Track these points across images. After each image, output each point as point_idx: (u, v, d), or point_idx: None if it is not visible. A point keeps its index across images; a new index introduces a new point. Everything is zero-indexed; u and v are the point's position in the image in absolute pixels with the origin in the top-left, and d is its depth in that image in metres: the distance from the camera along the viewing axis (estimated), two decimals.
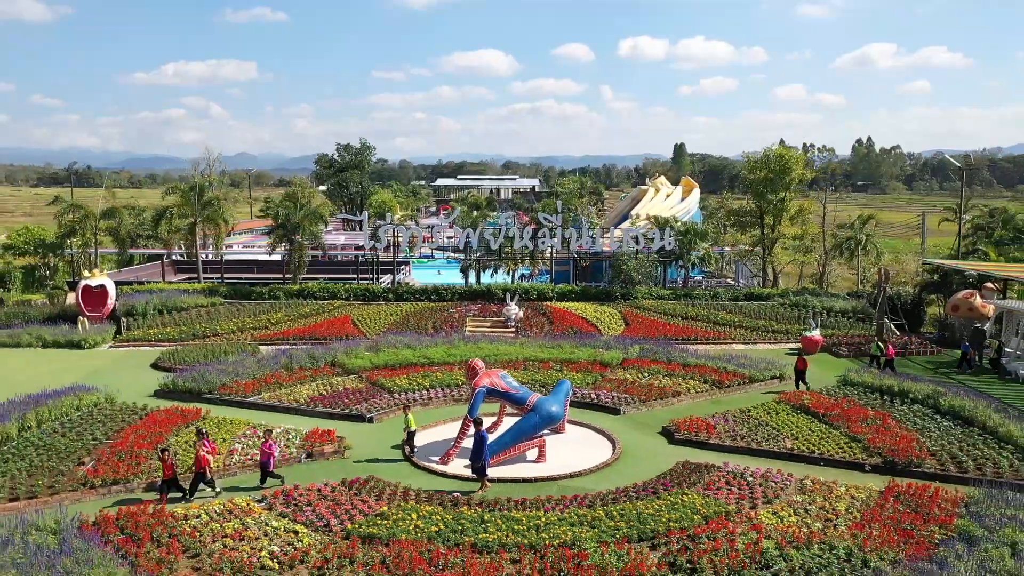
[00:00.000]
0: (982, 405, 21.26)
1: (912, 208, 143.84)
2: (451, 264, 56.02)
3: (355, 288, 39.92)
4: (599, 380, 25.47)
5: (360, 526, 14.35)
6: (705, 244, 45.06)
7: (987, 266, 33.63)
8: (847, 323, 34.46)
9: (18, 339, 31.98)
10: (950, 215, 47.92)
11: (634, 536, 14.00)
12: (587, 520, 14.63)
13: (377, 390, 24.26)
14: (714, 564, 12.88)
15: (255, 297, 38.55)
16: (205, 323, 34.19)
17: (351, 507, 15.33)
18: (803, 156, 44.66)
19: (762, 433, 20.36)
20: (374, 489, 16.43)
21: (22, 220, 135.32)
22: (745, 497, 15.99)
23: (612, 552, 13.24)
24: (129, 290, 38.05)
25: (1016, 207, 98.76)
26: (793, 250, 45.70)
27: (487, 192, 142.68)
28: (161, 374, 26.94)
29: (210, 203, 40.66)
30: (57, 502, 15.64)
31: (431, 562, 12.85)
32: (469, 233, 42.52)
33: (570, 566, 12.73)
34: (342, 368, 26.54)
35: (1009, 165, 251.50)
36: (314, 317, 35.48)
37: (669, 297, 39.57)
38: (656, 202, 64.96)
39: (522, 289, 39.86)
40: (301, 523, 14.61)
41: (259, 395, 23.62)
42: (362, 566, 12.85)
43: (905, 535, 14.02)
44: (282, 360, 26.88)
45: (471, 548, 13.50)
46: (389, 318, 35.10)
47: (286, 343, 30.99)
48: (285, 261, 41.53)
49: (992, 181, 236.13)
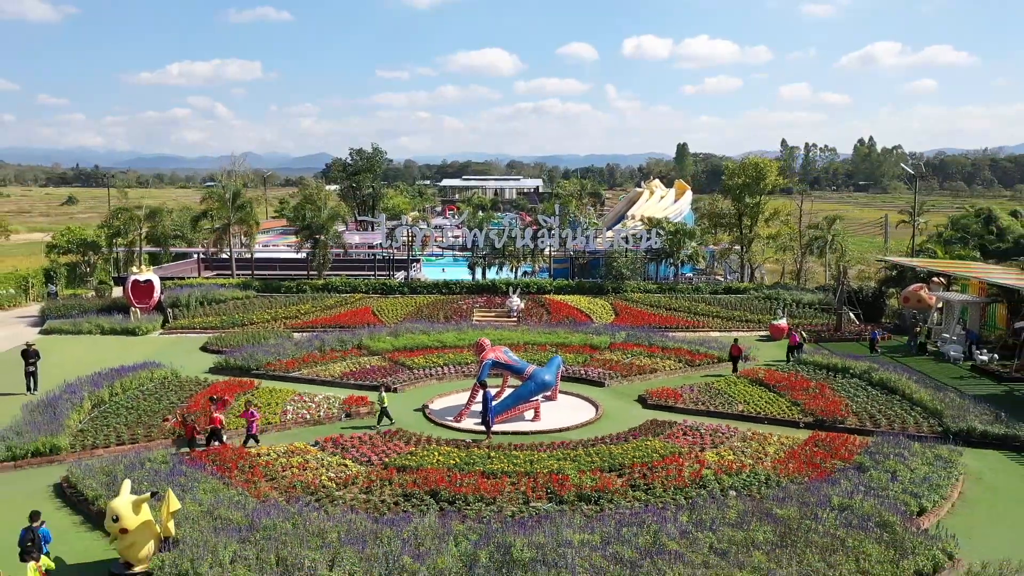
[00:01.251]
0: (905, 378, 25.46)
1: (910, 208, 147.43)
2: (457, 262, 60.10)
3: (373, 283, 44.29)
4: (588, 360, 29.72)
5: (395, 460, 18.63)
6: (693, 243, 49.22)
7: (934, 263, 37.82)
8: (812, 313, 38.65)
9: (79, 327, 36.30)
10: (907, 217, 51.98)
11: (605, 467, 18.23)
12: (570, 457, 18.88)
13: (398, 367, 28.54)
14: (664, 484, 17.12)
15: (284, 291, 42.91)
16: (242, 313, 38.53)
17: (386, 448, 19.61)
18: (776, 164, 48.81)
19: (720, 400, 24.60)
20: (402, 437, 20.72)
21: (40, 220, 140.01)
22: (696, 443, 20.22)
23: (588, 476, 17.50)
24: (172, 284, 42.33)
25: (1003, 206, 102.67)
26: (773, 248, 49.88)
27: (491, 192, 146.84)
28: (211, 355, 31.28)
29: (242, 206, 45.10)
30: (154, 447, 19.91)
31: (450, 482, 17.10)
32: (476, 233, 46.82)
33: (555, 485, 16.98)
34: (367, 350, 30.82)
35: (1010, 164, 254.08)
36: (338, 308, 39.81)
37: (655, 291, 43.83)
38: (651, 204, 69.12)
39: (523, 284, 44.15)
40: (349, 459, 18.89)
41: (299, 371, 27.93)
42: (399, 485, 17.12)
43: (813, 466, 18.25)
44: (315, 343, 31.20)
45: (481, 474, 17.73)
46: (405, 309, 39.40)
47: (315, 330, 35.24)
48: (309, 258, 45.82)
49: (993, 180, 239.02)
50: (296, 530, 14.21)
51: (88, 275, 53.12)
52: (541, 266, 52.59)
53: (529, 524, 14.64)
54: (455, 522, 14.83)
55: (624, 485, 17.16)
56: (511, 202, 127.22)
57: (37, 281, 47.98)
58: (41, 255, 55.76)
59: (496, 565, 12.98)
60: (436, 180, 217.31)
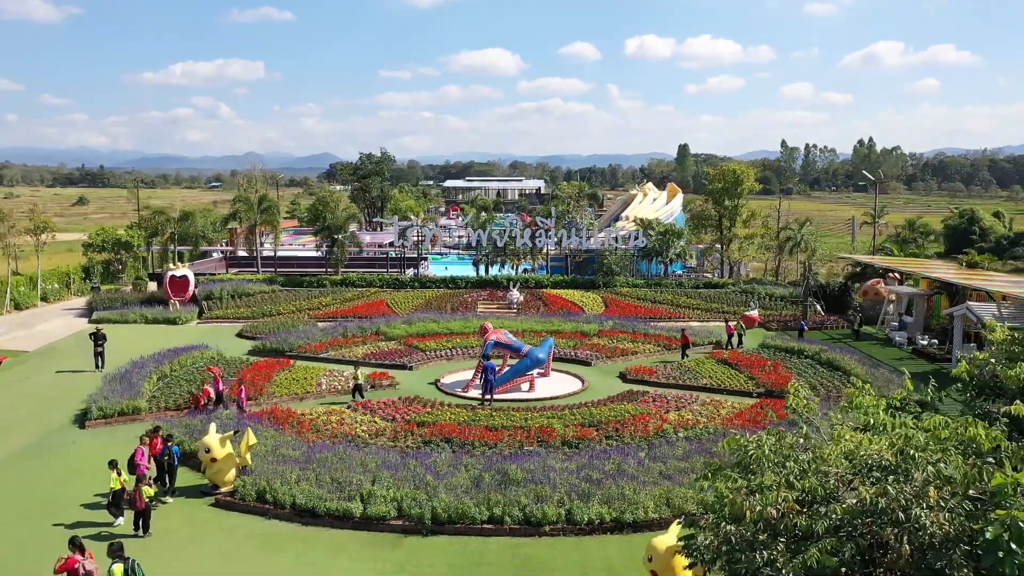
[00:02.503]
0: (848, 358, 29.71)
1: (908, 208, 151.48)
2: (461, 260, 64.34)
3: (386, 278, 48.64)
4: (579, 344, 33.98)
5: (415, 417, 22.91)
6: (681, 242, 53.49)
7: (891, 260, 42.07)
8: (783, 305, 42.89)
9: (126, 317, 40.60)
10: (868, 218, 56.28)
11: (585, 423, 22.49)
12: (557, 416, 23.15)
13: (412, 350, 32.82)
14: (632, 435, 21.38)
15: (306, 285, 47.24)
16: (269, 305, 42.84)
17: (407, 410, 23.89)
18: (752, 170, 53.05)
19: (688, 376, 28.86)
20: (419, 402, 25.00)
21: (56, 221, 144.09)
22: (662, 407, 24.47)
23: (571, 429, 21.77)
24: (204, 280, 46.65)
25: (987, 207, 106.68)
26: (755, 247, 54.09)
27: (494, 194, 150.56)
28: (246, 341, 35.56)
29: (267, 209, 49.45)
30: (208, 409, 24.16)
31: (461, 432, 21.37)
32: (480, 233, 51.14)
33: (544, 435, 21.25)
34: (384, 336, 35.09)
35: (1009, 165, 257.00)
36: (355, 301, 44.12)
37: (643, 285, 48.11)
38: (644, 206, 73.32)
39: (523, 279, 48.44)
40: (377, 417, 23.17)
41: (327, 352, 32.21)
42: (419, 435, 21.39)
43: (755, 422, 22.50)
44: (339, 330, 35.47)
45: (485, 427, 21.99)
46: (416, 301, 43.71)
47: (336, 320, 39.46)
48: (327, 256, 50.14)
49: (991, 181, 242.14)
50: (342, 461, 18.52)
51: (120, 272, 57.45)
52: (539, 263, 56.83)
53: (523, 457, 18.93)
54: (465, 457, 19.13)
55: (600, 435, 21.41)
56: (513, 203, 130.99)
57: (76, 277, 52.34)
58: (66, 253, 60.20)
59: (496, 482, 17.29)
60: (439, 181, 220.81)
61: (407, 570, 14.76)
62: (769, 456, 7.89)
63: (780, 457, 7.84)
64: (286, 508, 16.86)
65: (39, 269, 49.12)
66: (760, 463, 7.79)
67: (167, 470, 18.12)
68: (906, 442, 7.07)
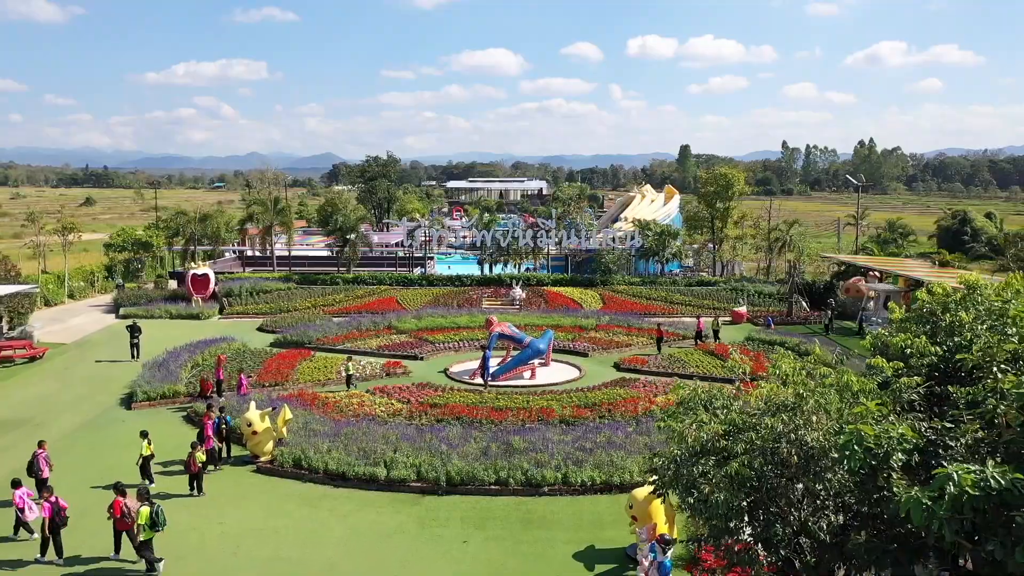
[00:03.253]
0: (824, 349, 32.14)
1: (907, 209, 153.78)
2: (465, 260, 66.85)
3: (395, 276, 51.23)
4: (577, 337, 36.54)
5: (427, 400, 25.48)
6: (676, 242, 55.99)
7: (870, 260, 44.58)
8: (770, 302, 45.41)
9: (152, 312, 43.18)
10: (851, 220, 58.90)
11: (581, 404, 25.02)
12: (556, 399, 25.71)
13: (422, 342, 35.38)
14: (622, 415, 23.91)
15: (319, 283, 49.82)
16: (286, 301, 45.41)
17: (420, 393, 26.45)
18: (743, 174, 55.60)
19: (676, 365, 31.38)
20: (431, 387, 27.57)
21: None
22: (651, 391, 27.01)
23: (568, 410, 24.32)
24: (223, 278, 49.25)
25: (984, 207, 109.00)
26: (750, 247, 56.68)
27: (497, 194, 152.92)
28: (267, 334, 38.10)
29: (282, 210, 52.06)
30: (244, 392, 26.73)
31: (469, 411, 23.93)
32: (484, 234, 53.73)
33: (544, 415, 23.80)
34: (396, 329, 37.67)
35: (1009, 166, 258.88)
36: (367, 297, 46.69)
37: (639, 283, 50.65)
38: (642, 207, 75.73)
39: (525, 277, 50.99)
40: (394, 400, 25.73)
41: (344, 344, 34.79)
42: (432, 415, 23.95)
43: None
44: (353, 325, 38.07)
45: (491, 408, 24.55)
46: (424, 298, 46.27)
47: (350, 315, 42.00)
48: (338, 255, 52.72)
49: (991, 182, 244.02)
50: (366, 434, 21.10)
51: (139, 271, 60.10)
52: (541, 263, 59.38)
53: (525, 432, 21.50)
54: (474, 432, 21.70)
55: (593, 415, 23.95)
56: (515, 204, 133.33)
57: (100, 275, 55.00)
58: (80, 253, 62.80)
59: (502, 451, 19.87)
60: (442, 181, 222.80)
61: (426, 522, 17.32)
62: (701, 397, 10.48)
63: (709, 399, 10.42)
64: (319, 472, 19.46)
65: (66, 268, 51.79)
66: (696, 403, 10.38)
67: (223, 440, 20.88)
68: (802, 387, 9.63)
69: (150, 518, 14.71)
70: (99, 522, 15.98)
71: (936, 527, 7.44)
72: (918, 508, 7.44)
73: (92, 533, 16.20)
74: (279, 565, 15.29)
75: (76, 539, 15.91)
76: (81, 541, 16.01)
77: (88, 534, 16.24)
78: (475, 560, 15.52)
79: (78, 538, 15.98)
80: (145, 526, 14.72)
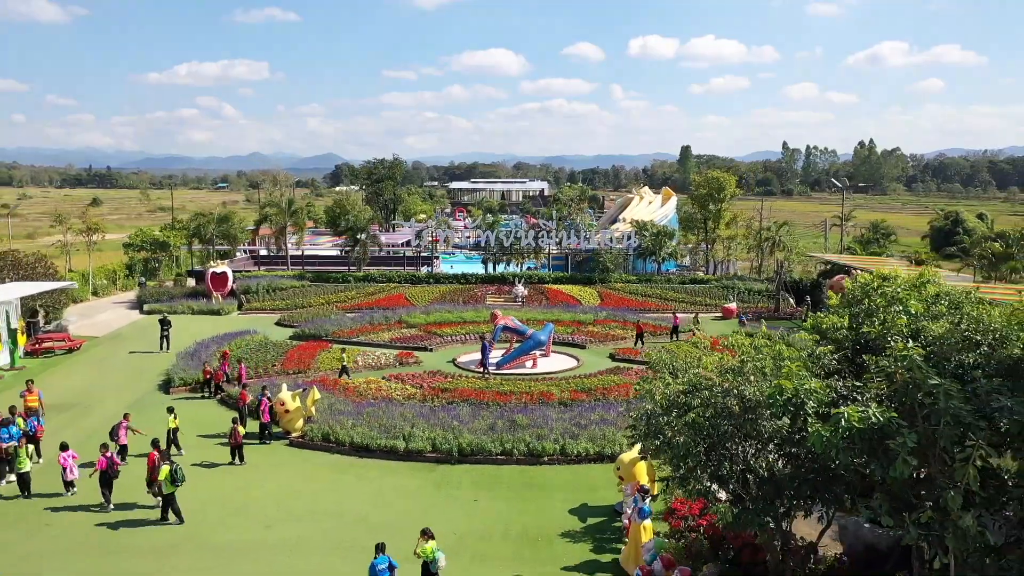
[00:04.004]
0: (769, 329, 34.75)
1: (905, 209, 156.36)
2: (469, 259, 69.48)
3: (404, 274, 53.85)
4: (575, 330, 39.12)
5: (438, 385, 28.07)
6: (672, 243, 58.58)
7: (854, 259, 47.13)
8: (759, 299, 48.00)
9: (175, 308, 45.73)
10: (837, 221, 61.62)
11: (578, 389, 27.58)
12: (555, 384, 28.28)
13: (431, 335, 37.96)
14: (616, 397, 26.46)
15: (332, 281, 52.46)
16: (301, 298, 48.02)
17: (431, 380, 29.04)
18: (734, 178, 58.24)
19: (666, 355, 33.89)
20: (441, 375, 30.16)
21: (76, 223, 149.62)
22: (643, 376, 29.52)
23: (566, 394, 26.90)
24: (240, 276, 51.89)
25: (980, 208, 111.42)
26: (743, 247, 59.34)
27: (499, 195, 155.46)
28: (285, 328, 40.67)
29: (295, 212, 54.78)
30: (271, 378, 29.33)
31: (477, 394, 26.52)
32: (488, 234, 56.35)
33: (545, 397, 26.38)
34: (406, 323, 40.24)
35: (1008, 167, 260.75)
36: (378, 294, 49.29)
37: (635, 281, 53.24)
38: (640, 208, 78.32)
39: (527, 275, 53.58)
40: (408, 385, 28.31)
41: (359, 337, 37.38)
42: (443, 398, 26.53)
43: None
44: (366, 319, 40.64)
45: (496, 392, 27.12)
46: (431, 295, 48.88)
47: (362, 311, 44.56)
48: (348, 254, 55.34)
49: (990, 182, 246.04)
50: (386, 413, 23.69)
51: (156, 269, 62.77)
52: (542, 262, 61.97)
53: (527, 411, 24.08)
54: (482, 411, 24.28)
55: (589, 398, 26.52)
56: (517, 205, 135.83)
57: (121, 274, 57.64)
58: (96, 252, 65.42)
59: (507, 427, 22.46)
60: (443, 182, 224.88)
61: (441, 485, 19.89)
62: (666, 361, 13.08)
63: (673, 361, 13.03)
64: (346, 445, 22.06)
65: (90, 266, 54.44)
66: (663, 369, 12.98)
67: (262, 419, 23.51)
68: (745, 355, 12.22)
69: (170, 475, 17.29)
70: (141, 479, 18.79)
71: (834, 454, 10.04)
72: (819, 439, 10.04)
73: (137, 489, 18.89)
74: (318, 516, 17.88)
75: (125, 493, 18.73)
76: (128, 494, 18.78)
77: (134, 490, 18.93)
78: (485, 513, 18.10)
79: (126, 493, 18.76)
80: (166, 482, 17.29)
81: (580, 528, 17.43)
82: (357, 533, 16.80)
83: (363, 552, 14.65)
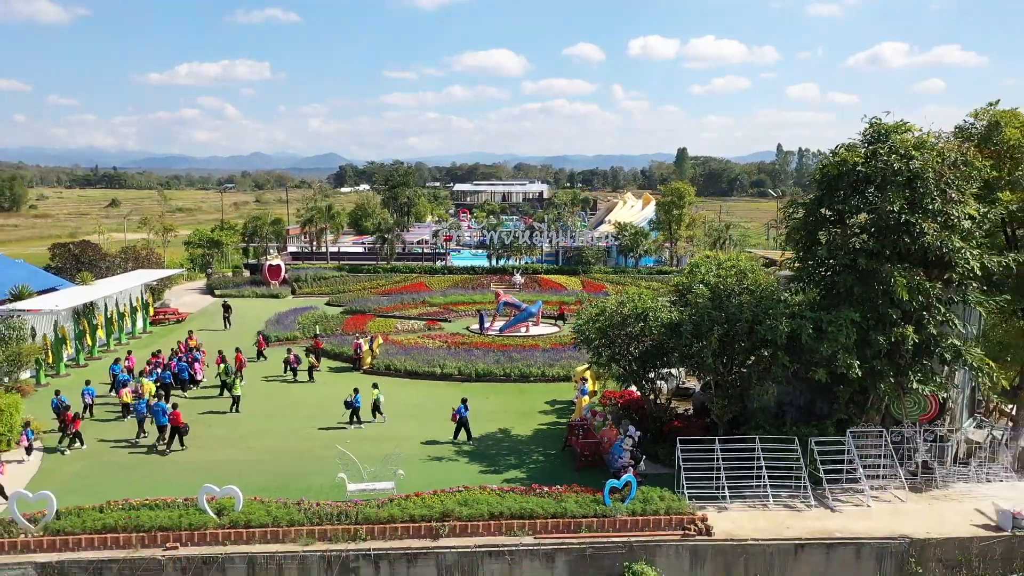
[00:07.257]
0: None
1: None
2: (475, 255, 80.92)
3: (423, 267, 65.59)
4: (559, 307, 50.78)
5: (459, 341, 39.67)
6: (648, 241, 70.14)
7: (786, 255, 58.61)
8: None
9: (242, 293, 57.30)
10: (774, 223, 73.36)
11: (556, 343, 39.18)
12: (541, 340, 39.88)
13: (449, 311, 49.59)
14: None
15: (364, 272, 64.16)
16: (341, 285, 59.66)
17: (452, 338, 40.60)
18: (693, 188, 69.90)
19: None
20: (459, 336, 41.78)
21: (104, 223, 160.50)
22: None
23: (547, 345, 38.52)
24: (289, 268, 63.58)
25: None
26: (703, 246, 70.97)
27: (500, 197, 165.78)
28: (334, 308, 52.19)
29: (334, 216, 66.52)
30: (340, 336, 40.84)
31: (486, 345, 38.10)
32: (492, 234, 68.07)
33: (533, 348, 37.96)
34: (429, 303, 51.89)
35: None
36: (403, 282, 60.96)
37: (611, 272, 64.91)
38: (624, 211, 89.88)
39: (523, 268, 65.25)
40: (436, 340, 39.90)
41: (393, 312, 49.03)
42: (463, 348, 38.12)
43: None
44: (396, 300, 52.30)
45: (499, 344, 38.70)
46: (446, 283, 60.55)
47: (391, 295, 56.12)
48: (376, 250, 66.94)
49: None
50: (425, 354, 35.36)
51: (210, 263, 74.37)
52: (537, 256, 73.59)
53: (521, 352, 35.72)
54: (490, 354, 35.92)
55: (564, 348, 38.12)
56: (517, 206, 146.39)
57: (187, 266, 69.36)
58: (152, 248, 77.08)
59: (507, 360, 34.16)
60: (446, 183, 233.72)
61: (466, 391, 31.27)
62: (592, 302, 24.80)
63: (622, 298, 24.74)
64: (401, 372, 33.72)
65: (164, 259, 66.07)
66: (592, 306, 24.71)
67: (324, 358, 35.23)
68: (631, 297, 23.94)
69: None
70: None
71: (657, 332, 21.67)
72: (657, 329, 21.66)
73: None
74: (387, 401, 29.45)
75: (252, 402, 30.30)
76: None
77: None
78: (495, 403, 29.79)
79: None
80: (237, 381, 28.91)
81: (550, 409, 29.15)
82: (422, 410, 28.53)
83: (429, 414, 26.35)
